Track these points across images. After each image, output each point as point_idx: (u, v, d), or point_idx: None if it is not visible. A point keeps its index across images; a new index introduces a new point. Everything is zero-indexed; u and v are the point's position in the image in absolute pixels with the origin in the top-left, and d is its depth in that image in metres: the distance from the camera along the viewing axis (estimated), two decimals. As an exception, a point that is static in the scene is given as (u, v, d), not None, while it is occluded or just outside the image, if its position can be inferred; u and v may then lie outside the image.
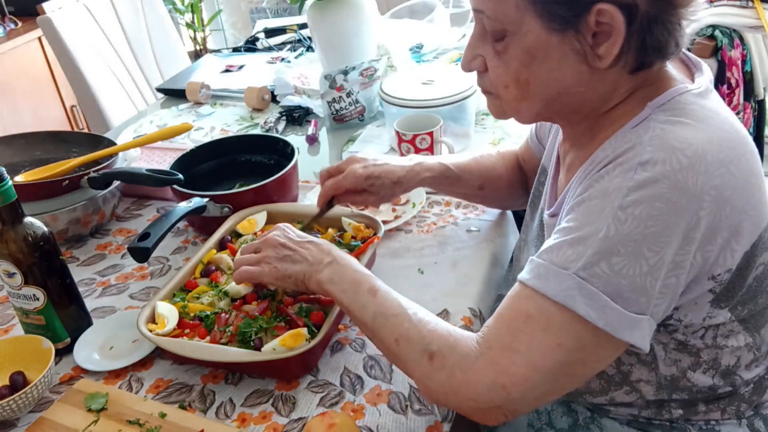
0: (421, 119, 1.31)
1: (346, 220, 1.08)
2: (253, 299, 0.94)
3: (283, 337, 0.83)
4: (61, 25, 2.07)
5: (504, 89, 0.76)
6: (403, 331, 0.75)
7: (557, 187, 0.89)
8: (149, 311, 0.90)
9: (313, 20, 1.66)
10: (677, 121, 0.69)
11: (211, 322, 0.90)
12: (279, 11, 3.69)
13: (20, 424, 0.85)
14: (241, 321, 0.89)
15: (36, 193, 1.15)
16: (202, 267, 1.01)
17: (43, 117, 3.12)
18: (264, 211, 1.12)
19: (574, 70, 0.71)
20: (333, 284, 0.82)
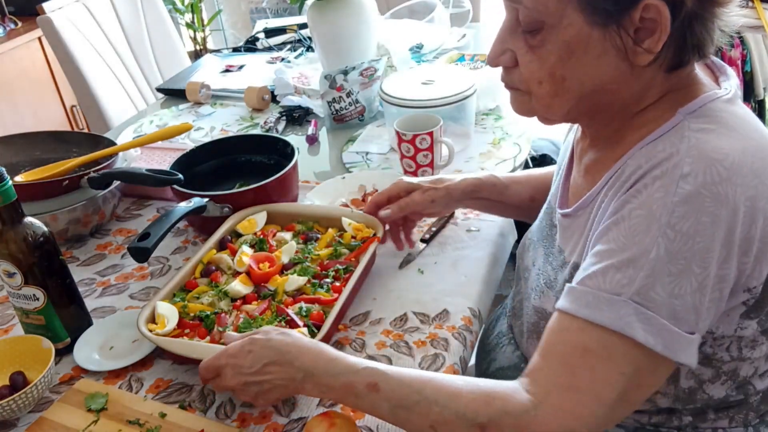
0: (421, 119, 1.31)
1: (346, 220, 1.07)
2: (253, 299, 0.94)
3: None
4: (61, 25, 2.07)
5: (537, 85, 0.73)
6: (435, 417, 0.68)
7: (569, 185, 0.88)
8: (149, 311, 0.90)
9: (313, 20, 1.66)
10: (712, 129, 0.67)
11: (211, 322, 0.90)
12: (279, 11, 3.69)
13: (20, 424, 0.85)
14: (240, 321, 0.89)
15: (36, 193, 1.15)
16: (202, 267, 1.01)
17: (43, 117, 3.12)
18: (264, 211, 1.11)
19: (612, 66, 0.70)
20: (326, 395, 0.76)
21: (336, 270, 0.98)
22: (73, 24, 2.12)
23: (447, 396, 0.69)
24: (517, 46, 0.73)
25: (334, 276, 0.98)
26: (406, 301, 1.00)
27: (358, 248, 1.02)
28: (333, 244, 1.05)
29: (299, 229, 1.09)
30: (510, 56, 0.75)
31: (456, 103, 1.35)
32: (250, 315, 0.90)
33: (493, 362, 0.99)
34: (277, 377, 0.74)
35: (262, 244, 1.04)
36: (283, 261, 1.00)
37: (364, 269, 0.98)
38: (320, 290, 0.95)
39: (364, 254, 1.00)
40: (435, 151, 1.28)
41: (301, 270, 0.98)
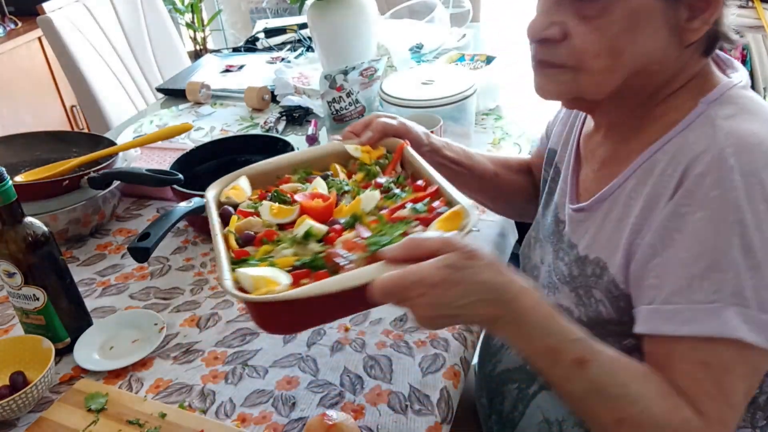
0: (421, 119, 1.30)
1: (350, 146, 0.94)
2: (340, 232, 0.77)
3: (439, 225, 0.71)
4: (61, 25, 2.07)
5: (593, 59, 0.70)
6: (628, 414, 0.65)
7: (579, 181, 0.87)
8: (231, 284, 0.69)
9: (313, 20, 1.66)
10: (738, 116, 0.68)
11: (320, 263, 0.71)
12: (279, 11, 3.69)
13: (20, 424, 0.85)
14: (360, 245, 0.71)
15: (36, 193, 1.15)
16: (235, 237, 0.80)
17: (43, 117, 3.12)
18: (243, 176, 0.93)
19: (664, 43, 0.69)
20: (519, 345, 0.67)
21: (392, 182, 0.86)
22: (73, 24, 2.12)
23: (649, 399, 0.66)
24: (567, 17, 0.70)
25: (397, 186, 0.85)
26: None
27: (392, 159, 0.91)
28: (358, 170, 0.92)
29: (299, 177, 0.93)
30: (559, 29, 0.71)
31: (456, 103, 1.35)
32: (362, 237, 0.73)
33: (499, 364, 0.99)
34: (481, 315, 0.64)
35: (280, 196, 0.86)
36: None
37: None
38: (403, 195, 0.81)
39: (403, 160, 0.90)
40: (435, 151, 1.27)
41: (359, 192, 0.84)
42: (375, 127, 0.93)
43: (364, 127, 0.95)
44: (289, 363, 0.91)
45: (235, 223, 0.83)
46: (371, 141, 0.93)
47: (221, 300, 1.04)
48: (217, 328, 0.99)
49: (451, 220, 0.71)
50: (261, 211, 0.83)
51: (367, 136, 0.93)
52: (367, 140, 0.93)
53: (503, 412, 0.94)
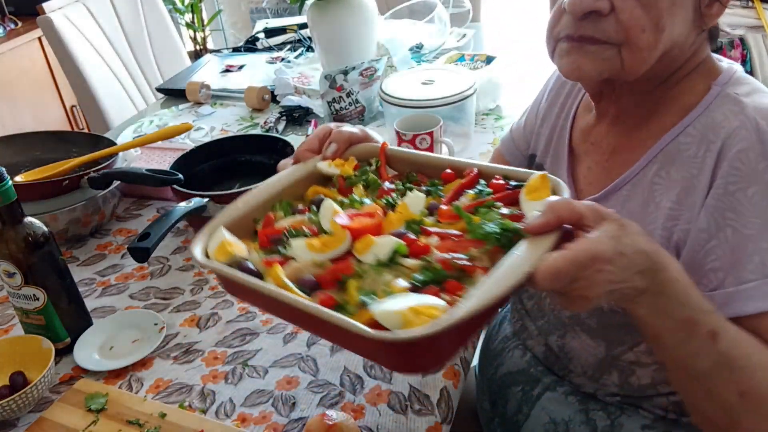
0: (421, 119, 1.31)
1: (322, 164, 0.83)
2: (413, 243, 0.65)
3: (529, 195, 0.65)
4: (61, 25, 2.07)
5: (639, 33, 0.70)
6: (754, 386, 0.64)
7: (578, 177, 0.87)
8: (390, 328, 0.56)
9: (313, 20, 1.66)
10: (756, 93, 0.71)
11: (443, 275, 0.60)
12: (279, 11, 3.69)
13: (20, 424, 0.85)
14: (464, 242, 0.63)
15: (36, 193, 1.15)
16: (299, 289, 0.62)
17: (43, 117, 3.12)
18: (218, 228, 0.73)
19: (689, 25, 0.72)
20: (655, 320, 0.63)
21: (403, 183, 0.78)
22: (73, 24, 2.12)
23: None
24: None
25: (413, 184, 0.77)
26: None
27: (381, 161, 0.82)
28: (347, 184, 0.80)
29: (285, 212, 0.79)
30: (607, 2, 0.70)
31: (456, 103, 1.35)
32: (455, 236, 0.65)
33: (501, 367, 0.99)
34: (635, 287, 0.60)
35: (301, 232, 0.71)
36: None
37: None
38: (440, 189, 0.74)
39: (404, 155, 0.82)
40: (435, 151, 1.28)
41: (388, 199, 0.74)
42: (337, 138, 0.84)
43: (320, 142, 0.85)
44: (289, 363, 0.91)
45: (279, 275, 0.65)
46: (338, 153, 0.84)
47: (221, 300, 1.04)
48: (217, 328, 0.99)
49: (539, 189, 0.65)
50: (295, 254, 0.68)
51: (333, 149, 0.83)
52: (333, 153, 0.83)
53: (507, 414, 0.94)
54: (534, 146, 0.98)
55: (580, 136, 0.89)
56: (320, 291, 0.63)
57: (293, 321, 0.73)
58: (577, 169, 0.88)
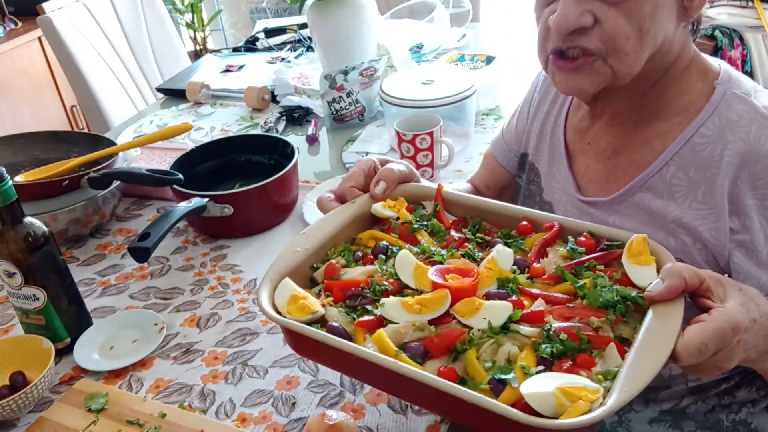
0: (421, 119, 1.31)
1: (376, 206, 0.81)
2: (519, 306, 0.64)
3: (632, 259, 0.65)
4: (61, 25, 2.07)
5: (625, 41, 0.73)
6: None
7: (578, 175, 0.88)
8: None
9: (313, 20, 1.66)
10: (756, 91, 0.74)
11: (571, 346, 0.59)
12: (279, 11, 3.69)
13: (20, 424, 0.85)
14: (578, 307, 0.62)
15: (36, 193, 1.15)
16: (411, 358, 0.61)
17: (43, 117, 3.12)
18: (285, 279, 0.71)
19: (672, 23, 0.74)
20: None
21: (472, 231, 0.76)
22: (73, 24, 2.12)
23: None
24: (595, 5, 0.73)
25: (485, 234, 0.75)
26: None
27: (441, 206, 0.80)
28: (411, 230, 0.78)
29: (346, 257, 0.77)
30: (590, 16, 0.73)
31: (456, 103, 1.35)
32: (564, 301, 0.64)
33: None
34: (761, 350, 0.62)
35: (382, 287, 0.69)
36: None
37: None
38: (519, 245, 0.72)
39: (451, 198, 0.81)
40: (435, 151, 1.28)
41: (466, 252, 0.72)
42: (386, 176, 0.81)
43: (367, 178, 0.83)
44: (289, 363, 0.91)
45: (385, 341, 0.62)
46: (388, 192, 0.81)
47: (221, 300, 1.04)
48: (217, 328, 0.99)
49: (643, 253, 0.64)
50: (389, 315, 0.65)
51: (382, 188, 0.81)
52: (383, 193, 0.81)
53: None
54: (525, 145, 0.98)
55: (575, 135, 0.89)
56: (431, 360, 0.60)
57: (405, 395, 0.68)
58: (574, 167, 0.88)
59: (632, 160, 0.80)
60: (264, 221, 1.19)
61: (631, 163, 0.80)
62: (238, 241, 1.18)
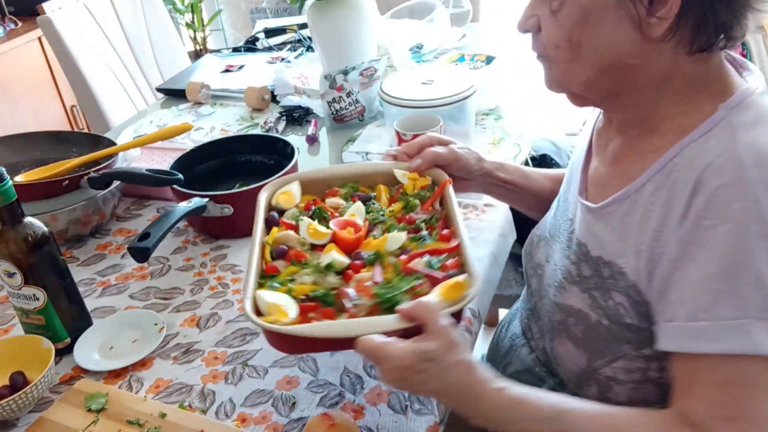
0: (421, 119, 1.31)
1: (398, 171, 0.98)
2: (359, 268, 0.82)
3: (441, 291, 0.75)
4: (61, 25, 2.07)
5: (555, 50, 0.75)
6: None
7: (588, 176, 0.87)
8: (251, 304, 0.76)
9: (313, 20, 1.66)
10: (762, 125, 0.68)
11: (331, 300, 0.77)
12: (279, 11, 3.69)
13: (20, 424, 0.85)
14: (374, 288, 0.77)
15: (36, 193, 1.15)
16: (271, 249, 0.87)
17: (43, 117, 3.12)
18: (295, 180, 0.99)
19: (627, 37, 0.71)
20: (492, 428, 0.72)
21: (423, 221, 0.89)
22: (73, 24, 2.12)
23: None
24: (542, 12, 0.75)
25: (427, 228, 0.88)
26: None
27: (432, 195, 0.94)
28: (399, 198, 0.95)
29: (345, 192, 0.99)
30: (535, 21, 0.76)
31: (456, 103, 1.35)
32: (375, 282, 0.79)
33: (509, 366, 0.98)
34: (444, 403, 0.71)
35: (321, 213, 0.93)
36: (360, 224, 0.89)
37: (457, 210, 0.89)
38: (426, 242, 0.85)
39: (442, 198, 0.93)
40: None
41: (391, 227, 0.88)
42: (425, 156, 0.96)
43: (418, 150, 0.98)
44: (289, 363, 0.91)
45: (274, 234, 0.88)
46: (419, 169, 0.97)
47: (221, 300, 1.04)
48: (217, 328, 0.99)
49: (455, 289, 0.75)
50: (300, 227, 0.89)
51: (416, 163, 0.96)
52: (415, 167, 0.97)
53: None
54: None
55: (597, 135, 0.89)
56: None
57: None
58: (589, 167, 0.88)
59: (626, 171, 0.78)
60: (264, 221, 1.19)
61: (625, 174, 0.78)
62: (238, 241, 1.18)
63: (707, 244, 0.66)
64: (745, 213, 0.64)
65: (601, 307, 0.79)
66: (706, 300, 0.66)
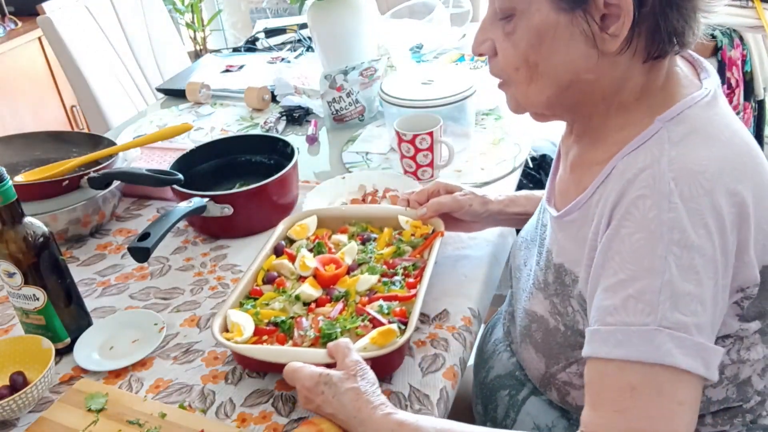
0: (421, 119, 1.31)
1: (402, 218, 1.06)
2: (325, 302, 0.92)
3: (372, 336, 0.82)
4: (61, 25, 2.07)
5: (514, 72, 0.74)
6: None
7: (555, 182, 0.88)
8: (221, 320, 0.88)
9: (313, 20, 1.66)
10: (690, 139, 0.68)
11: (288, 327, 0.88)
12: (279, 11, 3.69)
13: (20, 424, 0.85)
14: (321, 323, 0.87)
15: (36, 193, 1.15)
16: (264, 274, 0.98)
17: (43, 117, 3.12)
18: (314, 215, 1.09)
19: (582, 53, 0.70)
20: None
21: (404, 267, 0.97)
22: (73, 24, 2.12)
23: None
24: (496, 35, 0.75)
25: (404, 273, 0.96)
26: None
27: (423, 244, 1.02)
28: (394, 243, 1.04)
29: (354, 231, 1.08)
30: (490, 45, 0.76)
31: (456, 103, 1.35)
32: (328, 317, 0.88)
33: (491, 370, 0.98)
34: (339, 422, 0.77)
35: (320, 248, 1.02)
36: (347, 263, 0.98)
37: (434, 263, 0.97)
38: (393, 288, 0.93)
39: (430, 249, 1.00)
40: (435, 151, 1.28)
41: (369, 269, 0.97)
42: (430, 206, 1.03)
43: (427, 198, 1.05)
44: (289, 363, 0.91)
45: (271, 261, 1.00)
46: (424, 218, 1.04)
47: (221, 300, 1.04)
48: (217, 328, 0.99)
49: (385, 336, 0.82)
50: (297, 258, 0.99)
51: (421, 212, 1.04)
52: (420, 216, 1.04)
53: (497, 419, 0.94)
54: None
55: (562, 143, 0.89)
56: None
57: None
58: (558, 173, 0.89)
59: (580, 180, 0.79)
60: (264, 221, 1.19)
61: (579, 183, 0.79)
62: (238, 241, 1.18)
63: (621, 250, 0.66)
64: (659, 222, 0.64)
65: (560, 314, 0.80)
66: (615, 304, 0.66)
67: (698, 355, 0.63)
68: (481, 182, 1.29)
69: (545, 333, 0.82)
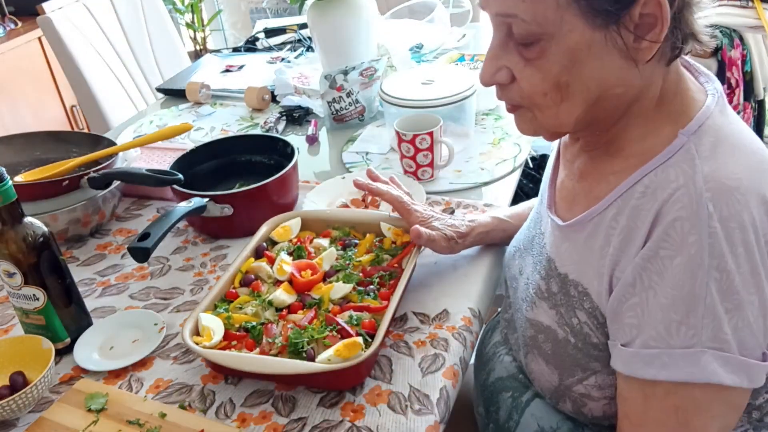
0: (421, 119, 1.31)
1: (384, 225, 1.05)
2: (298, 308, 0.91)
3: (337, 348, 0.81)
4: (61, 25, 2.07)
5: (542, 97, 0.72)
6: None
7: (556, 189, 0.87)
8: (193, 323, 0.87)
9: (313, 20, 1.66)
10: (720, 152, 0.68)
11: (258, 333, 0.87)
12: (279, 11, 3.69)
13: (20, 424, 0.85)
14: (290, 332, 0.85)
15: (36, 193, 1.15)
16: (241, 276, 0.97)
17: (43, 117, 3.12)
18: (298, 217, 1.08)
19: (617, 66, 0.69)
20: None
21: (380, 276, 0.96)
22: (73, 24, 2.12)
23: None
24: (512, 62, 0.72)
25: (379, 282, 0.95)
26: (405, 301, 1.00)
27: (401, 253, 1.01)
28: (374, 250, 1.02)
29: (336, 236, 1.06)
30: (506, 73, 0.74)
31: (456, 103, 1.35)
32: (299, 325, 0.87)
33: (492, 372, 0.98)
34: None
35: (300, 252, 1.01)
36: (325, 268, 0.97)
37: (410, 275, 0.96)
38: (367, 297, 0.92)
39: (407, 259, 0.98)
40: (435, 151, 1.28)
41: (345, 277, 0.95)
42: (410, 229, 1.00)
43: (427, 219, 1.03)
44: (289, 363, 0.91)
45: (250, 264, 0.99)
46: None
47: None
48: (217, 328, 0.99)
49: (350, 348, 0.81)
50: (276, 262, 0.98)
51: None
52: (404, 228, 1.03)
53: (499, 421, 0.94)
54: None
55: (563, 148, 0.89)
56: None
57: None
58: (558, 178, 0.88)
59: (591, 191, 0.78)
60: (264, 221, 1.19)
61: (590, 192, 0.78)
62: (238, 241, 1.18)
63: (663, 273, 0.67)
64: (700, 246, 0.65)
65: (568, 324, 0.80)
66: (659, 328, 0.67)
67: (743, 371, 0.66)
68: (481, 182, 1.29)
69: (555, 344, 0.82)
